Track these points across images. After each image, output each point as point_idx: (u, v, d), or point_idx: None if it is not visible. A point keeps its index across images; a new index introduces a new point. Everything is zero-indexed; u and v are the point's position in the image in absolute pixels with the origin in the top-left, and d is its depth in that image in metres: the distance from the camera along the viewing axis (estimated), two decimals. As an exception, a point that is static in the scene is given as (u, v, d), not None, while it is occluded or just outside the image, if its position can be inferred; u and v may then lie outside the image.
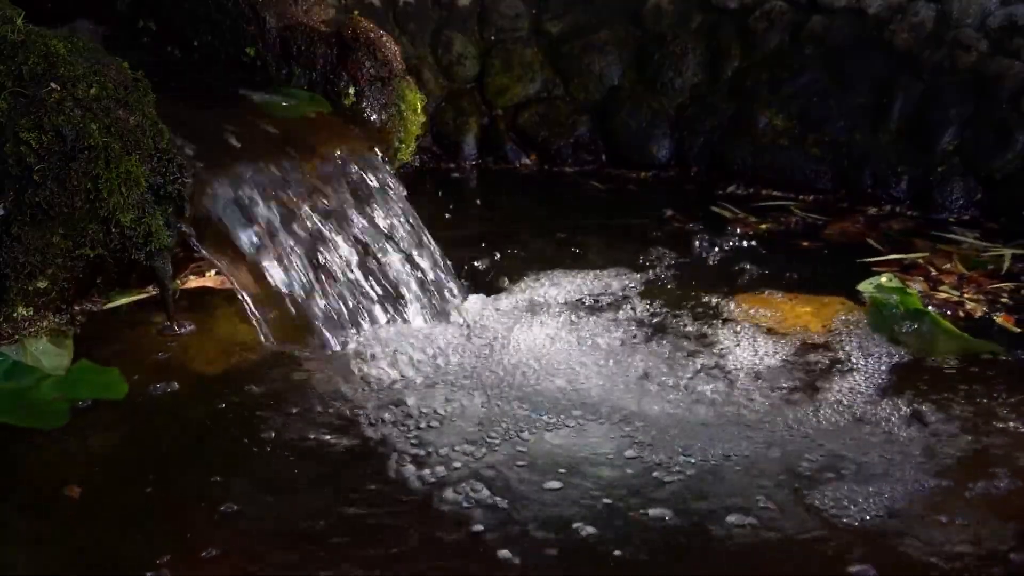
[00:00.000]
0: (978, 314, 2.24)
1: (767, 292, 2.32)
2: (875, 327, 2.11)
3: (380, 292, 2.08)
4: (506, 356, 1.98)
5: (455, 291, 2.21)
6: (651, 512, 1.49)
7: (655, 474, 1.59)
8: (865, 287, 2.27)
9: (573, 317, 2.16)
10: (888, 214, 2.94)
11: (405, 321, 2.08)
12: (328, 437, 1.70)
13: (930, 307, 2.20)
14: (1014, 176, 2.86)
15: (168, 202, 1.83)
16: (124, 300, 2.12)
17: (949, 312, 2.23)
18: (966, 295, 2.34)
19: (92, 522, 1.47)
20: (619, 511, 1.49)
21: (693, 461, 1.62)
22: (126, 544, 1.43)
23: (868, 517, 1.48)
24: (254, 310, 1.94)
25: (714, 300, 2.27)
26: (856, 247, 2.68)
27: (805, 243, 2.73)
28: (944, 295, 2.33)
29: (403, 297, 2.11)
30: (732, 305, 2.25)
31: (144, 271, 1.90)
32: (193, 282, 2.25)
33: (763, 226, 2.84)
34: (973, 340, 2.07)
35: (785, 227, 2.85)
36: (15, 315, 1.77)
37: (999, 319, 2.20)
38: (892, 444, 1.69)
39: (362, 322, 2.03)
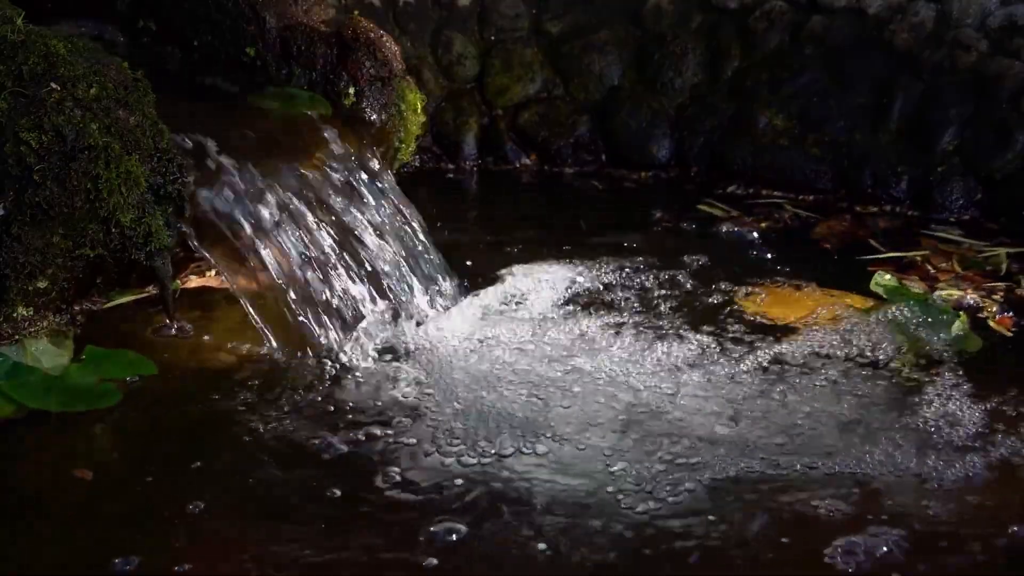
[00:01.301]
0: (986, 315, 2.25)
1: (776, 287, 2.34)
2: (895, 325, 2.15)
3: (379, 294, 2.08)
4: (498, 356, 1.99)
5: (449, 292, 2.21)
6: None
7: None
8: (877, 286, 2.30)
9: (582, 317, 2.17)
10: (874, 213, 2.94)
11: (403, 323, 2.08)
12: (318, 439, 1.70)
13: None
14: (1014, 176, 2.86)
15: (168, 202, 1.83)
16: (124, 300, 2.12)
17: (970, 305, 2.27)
18: (968, 293, 2.35)
19: (84, 515, 1.49)
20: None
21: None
22: (115, 533, 1.45)
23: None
24: (253, 311, 1.94)
25: (722, 297, 2.29)
26: (849, 246, 2.69)
27: (797, 241, 2.74)
28: (959, 294, 2.35)
29: (401, 298, 2.11)
30: (742, 301, 2.27)
31: (144, 271, 1.90)
32: (193, 282, 2.25)
33: (762, 224, 2.85)
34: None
35: (777, 225, 2.85)
36: (15, 315, 1.78)
37: (993, 323, 2.20)
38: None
39: (362, 323, 2.03)
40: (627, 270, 2.42)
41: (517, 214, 2.99)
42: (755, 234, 2.74)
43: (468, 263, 2.41)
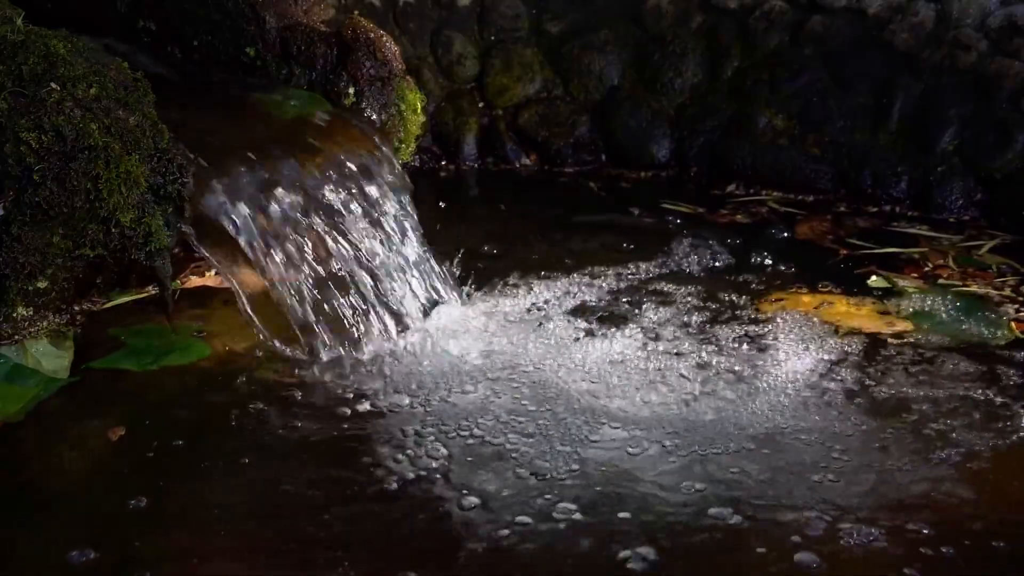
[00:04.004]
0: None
1: (795, 290, 2.34)
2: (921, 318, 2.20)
3: (378, 295, 2.08)
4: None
5: (448, 293, 2.21)
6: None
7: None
8: (913, 293, 2.33)
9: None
10: (853, 212, 2.95)
11: (401, 325, 2.08)
12: (311, 441, 1.71)
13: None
14: (1014, 176, 2.86)
15: (168, 202, 1.83)
16: (124, 300, 2.12)
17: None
18: (982, 289, 2.37)
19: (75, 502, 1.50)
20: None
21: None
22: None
23: None
24: (252, 311, 1.94)
25: (744, 299, 2.29)
26: (842, 244, 2.70)
27: (783, 239, 2.74)
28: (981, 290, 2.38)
29: (399, 299, 2.11)
30: (767, 306, 2.25)
31: (144, 271, 1.90)
32: (193, 282, 2.25)
33: (738, 216, 2.87)
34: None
35: (760, 223, 2.87)
36: (15, 315, 1.78)
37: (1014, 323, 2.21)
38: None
39: (360, 324, 2.03)
40: (619, 273, 2.44)
41: (514, 214, 2.99)
42: (736, 234, 2.73)
43: (466, 264, 2.40)
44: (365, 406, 1.81)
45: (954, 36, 3.03)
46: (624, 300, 2.27)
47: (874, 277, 2.42)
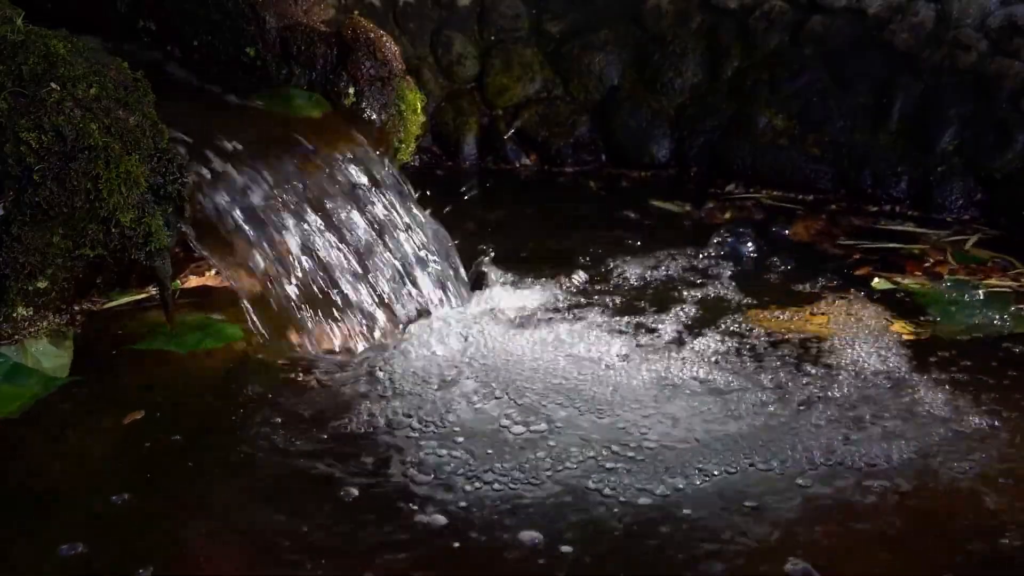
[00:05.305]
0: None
1: (788, 291, 2.32)
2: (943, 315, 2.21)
3: (378, 294, 2.08)
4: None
5: (452, 292, 2.21)
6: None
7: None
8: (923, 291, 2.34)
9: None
10: (848, 211, 2.96)
11: (400, 324, 2.08)
12: (310, 441, 1.71)
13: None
14: (1014, 176, 2.86)
15: (168, 202, 1.83)
16: (124, 300, 2.12)
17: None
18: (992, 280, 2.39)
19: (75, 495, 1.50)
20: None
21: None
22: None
23: None
24: (251, 310, 1.94)
25: (733, 302, 2.27)
26: (839, 244, 2.70)
27: (776, 238, 2.74)
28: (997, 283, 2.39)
29: (399, 298, 2.11)
30: (761, 322, 2.22)
31: (144, 271, 1.91)
32: (193, 281, 2.25)
33: (728, 215, 2.89)
34: None
35: (754, 222, 2.86)
36: (15, 315, 1.78)
37: None
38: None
39: (360, 324, 2.03)
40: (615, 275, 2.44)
41: (513, 213, 3.00)
42: (750, 244, 2.68)
43: (464, 262, 2.41)
44: (361, 404, 1.81)
45: (954, 36, 3.03)
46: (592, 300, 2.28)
47: (876, 279, 2.40)
